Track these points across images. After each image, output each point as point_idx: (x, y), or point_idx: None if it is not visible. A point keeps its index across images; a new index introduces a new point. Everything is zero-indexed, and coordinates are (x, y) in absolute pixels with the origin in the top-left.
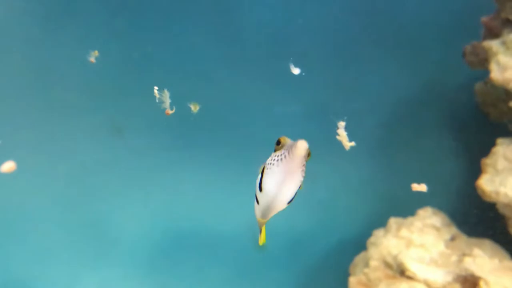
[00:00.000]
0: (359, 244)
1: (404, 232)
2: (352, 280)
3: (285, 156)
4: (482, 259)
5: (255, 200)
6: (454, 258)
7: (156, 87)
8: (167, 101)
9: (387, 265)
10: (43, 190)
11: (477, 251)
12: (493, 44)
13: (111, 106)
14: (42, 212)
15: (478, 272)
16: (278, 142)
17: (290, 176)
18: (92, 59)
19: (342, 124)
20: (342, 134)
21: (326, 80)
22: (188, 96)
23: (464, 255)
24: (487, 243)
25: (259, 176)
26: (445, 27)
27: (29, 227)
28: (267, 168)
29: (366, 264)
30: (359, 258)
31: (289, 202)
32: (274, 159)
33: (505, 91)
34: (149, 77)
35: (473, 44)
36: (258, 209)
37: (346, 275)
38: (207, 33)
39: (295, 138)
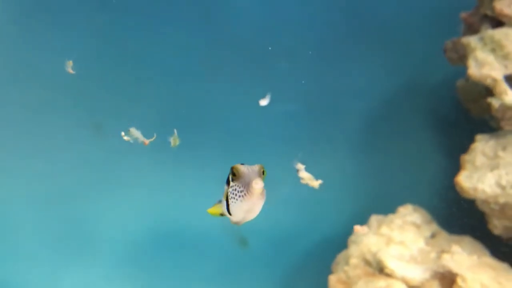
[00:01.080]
0: (343, 241)
1: (384, 229)
2: (332, 278)
3: (245, 194)
4: (460, 256)
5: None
6: (433, 255)
7: (122, 133)
8: (139, 136)
9: (367, 262)
10: (20, 189)
11: (455, 248)
12: (471, 40)
13: (90, 104)
14: (20, 211)
15: (455, 268)
16: (233, 173)
17: (254, 206)
18: (70, 70)
19: (301, 166)
20: (305, 176)
21: (309, 77)
22: (170, 94)
23: (443, 252)
24: (467, 240)
25: (224, 202)
26: (427, 24)
27: (6, 227)
28: (231, 201)
29: (347, 262)
30: (341, 256)
31: None
32: (236, 194)
33: (485, 88)
34: (130, 74)
35: (453, 41)
36: (231, 219)
37: (329, 273)
38: (190, 30)
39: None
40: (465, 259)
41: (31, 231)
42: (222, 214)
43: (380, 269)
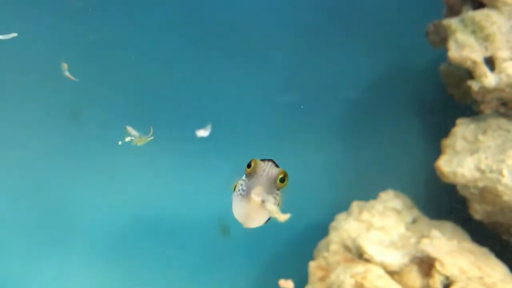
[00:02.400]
0: (325, 228)
1: (365, 215)
2: (311, 264)
3: (244, 197)
4: (439, 241)
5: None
6: (413, 240)
7: (119, 142)
8: (136, 134)
9: (347, 248)
10: None
11: (434, 233)
12: (452, 22)
13: (66, 90)
14: None
15: (433, 253)
16: (249, 165)
17: (251, 214)
18: (67, 74)
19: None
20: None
21: (291, 63)
22: (151, 81)
23: (422, 237)
24: (448, 225)
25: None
26: (410, 9)
27: None
28: (234, 195)
29: (327, 248)
30: (322, 243)
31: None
32: (239, 191)
33: (467, 71)
34: (107, 60)
35: (434, 23)
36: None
37: (311, 259)
38: (169, 15)
39: (265, 131)
40: (444, 244)
41: (8, 220)
42: None
43: (359, 255)
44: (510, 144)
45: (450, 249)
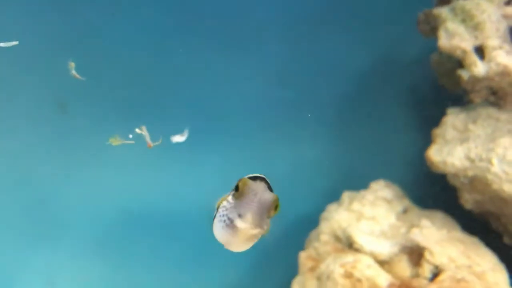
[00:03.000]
0: (317, 220)
1: (355, 205)
2: (302, 254)
3: (227, 224)
4: (429, 230)
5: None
6: (403, 230)
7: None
8: (147, 135)
9: (337, 238)
10: None
11: (424, 222)
12: (443, 11)
13: (53, 81)
14: None
15: (423, 242)
16: (236, 188)
17: (237, 243)
18: (74, 73)
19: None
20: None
21: (281, 54)
22: (138, 71)
23: (412, 226)
24: (439, 215)
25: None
26: None
27: None
28: (217, 218)
29: (318, 239)
30: (313, 233)
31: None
32: (222, 215)
33: (458, 61)
34: (94, 49)
35: (425, 12)
36: None
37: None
38: (160, 6)
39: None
40: (434, 233)
41: None
42: None
43: (349, 245)
44: (500, 133)
45: (440, 239)
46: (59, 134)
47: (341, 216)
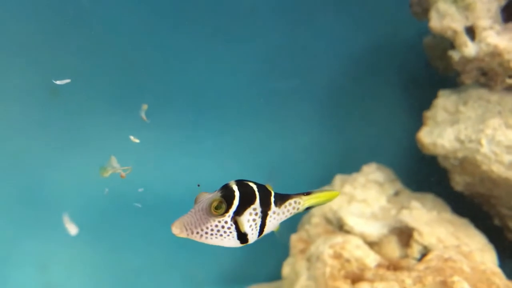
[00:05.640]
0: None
1: (347, 188)
2: (293, 237)
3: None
4: (419, 211)
5: None
6: (394, 212)
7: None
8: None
9: (328, 221)
10: None
11: (414, 204)
12: None
13: (44, 64)
14: None
15: (412, 223)
16: (221, 192)
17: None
18: (143, 115)
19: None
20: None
21: (274, 39)
22: (130, 54)
23: (402, 208)
24: (430, 197)
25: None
26: None
27: None
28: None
29: (309, 222)
30: (306, 217)
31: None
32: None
33: (450, 43)
34: (85, 32)
35: None
36: None
37: None
38: None
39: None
40: (424, 214)
41: None
42: None
43: (340, 227)
44: (490, 114)
45: (429, 220)
46: (51, 118)
47: None
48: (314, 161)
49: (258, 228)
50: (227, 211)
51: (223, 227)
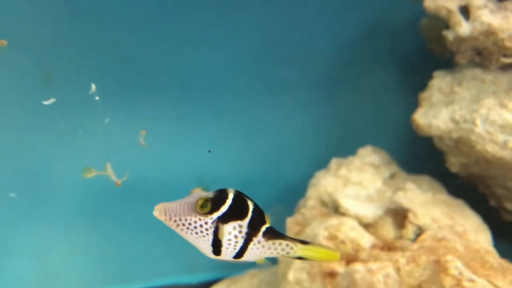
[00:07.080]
0: (306, 187)
1: (342, 171)
2: (289, 220)
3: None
4: (414, 193)
5: None
6: (389, 194)
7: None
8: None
9: (323, 204)
10: None
11: (409, 185)
12: None
13: (39, 52)
14: None
15: (407, 204)
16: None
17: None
18: (142, 141)
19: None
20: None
21: (270, 20)
22: (125, 41)
23: (397, 189)
24: (425, 179)
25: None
26: None
27: None
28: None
29: (305, 205)
30: (302, 201)
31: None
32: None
33: (446, 25)
34: (79, 18)
35: None
36: None
37: None
38: None
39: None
40: (418, 195)
41: None
42: None
43: (335, 209)
44: (484, 94)
45: (424, 201)
46: (45, 105)
47: (328, 182)
48: (311, 145)
49: (237, 248)
50: (211, 212)
51: (201, 226)
